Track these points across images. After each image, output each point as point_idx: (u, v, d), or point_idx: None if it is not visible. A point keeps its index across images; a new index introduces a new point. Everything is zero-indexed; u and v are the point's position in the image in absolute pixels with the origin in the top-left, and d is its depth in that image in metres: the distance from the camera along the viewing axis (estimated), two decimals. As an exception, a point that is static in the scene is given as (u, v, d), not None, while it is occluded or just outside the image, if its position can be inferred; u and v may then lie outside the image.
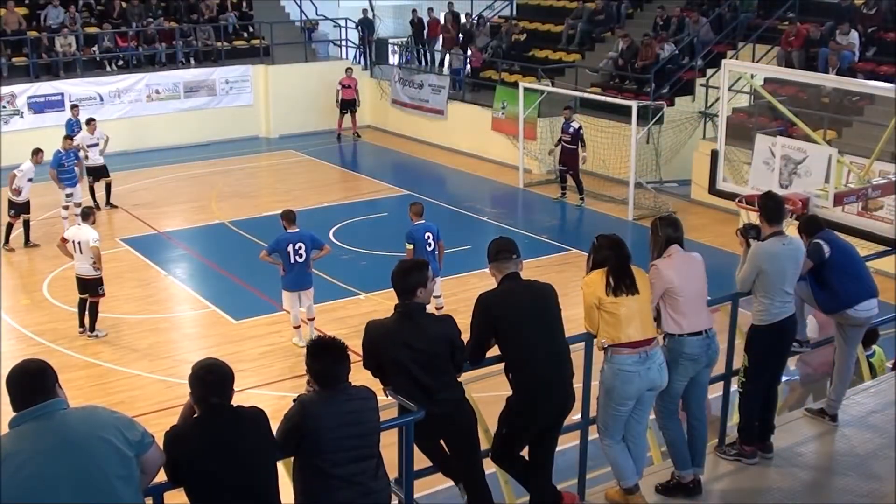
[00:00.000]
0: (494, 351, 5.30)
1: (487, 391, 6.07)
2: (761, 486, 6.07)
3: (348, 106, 24.08)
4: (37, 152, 15.75)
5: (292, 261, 11.54)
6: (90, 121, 18.03)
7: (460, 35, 25.42)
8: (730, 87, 10.85)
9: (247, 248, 15.28)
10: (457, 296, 12.62)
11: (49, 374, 3.66)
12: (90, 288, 12.16)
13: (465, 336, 5.19)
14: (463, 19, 26.35)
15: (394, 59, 27.72)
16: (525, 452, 5.42)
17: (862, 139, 14.26)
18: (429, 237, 11.93)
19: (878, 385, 7.55)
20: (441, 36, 26.50)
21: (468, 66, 24.51)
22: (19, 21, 22.38)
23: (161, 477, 4.01)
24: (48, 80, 21.94)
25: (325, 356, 4.36)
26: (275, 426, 4.30)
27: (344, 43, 27.55)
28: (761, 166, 9.05)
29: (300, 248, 11.55)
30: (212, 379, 4.08)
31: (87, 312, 12.29)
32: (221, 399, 4.09)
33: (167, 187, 20.01)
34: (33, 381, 3.61)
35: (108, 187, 18.11)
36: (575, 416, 5.64)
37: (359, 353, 5.05)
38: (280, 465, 4.39)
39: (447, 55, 25.31)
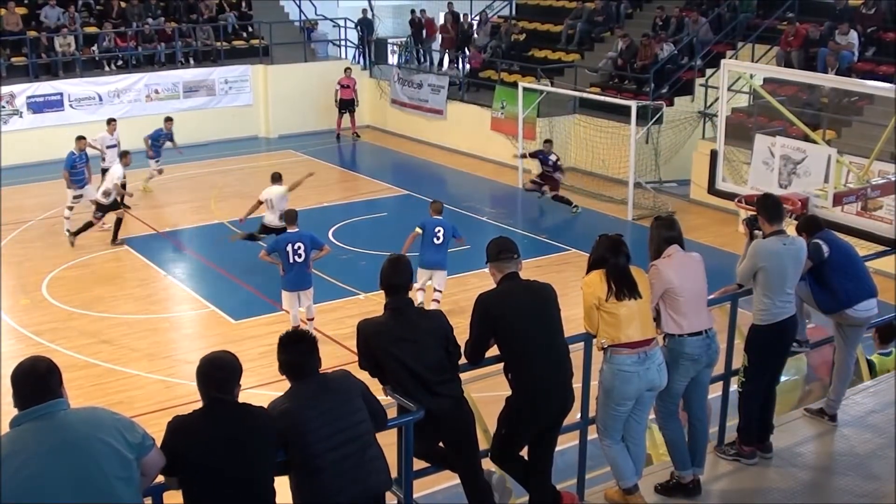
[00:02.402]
0: (494, 351, 5.30)
1: (487, 391, 6.07)
2: (761, 486, 6.07)
3: (346, 106, 24.07)
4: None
5: (291, 261, 11.55)
6: (111, 121, 18.15)
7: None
8: (729, 87, 10.85)
9: (247, 249, 15.25)
10: (456, 296, 12.63)
11: (56, 375, 3.67)
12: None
13: (464, 336, 5.20)
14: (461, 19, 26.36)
15: (393, 59, 27.72)
16: (525, 452, 5.42)
17: (861, 139, 14.26)
18: (439, 231, 12.20)
19: (877, 385, 7.53)
20: (440, 36, 26.48)
21: (468, 66, 24.49)
22: (17, 21, 22.36)
23: (161, 477, 4.02)
24: (47, 80, 21.93)
25: (294, 349, 4.43)
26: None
27: (343, 43, 27.55)
28: (761, 166, 9.02)
29: (299, 248, 11.56)
30: (218, 375, 4.16)
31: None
32: (225, 394, 4.14)
33: (167, 187, 19.99)
34: (40, 381, 3.62)
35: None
36: (574, 416, 5.64)
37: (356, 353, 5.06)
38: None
39: (446, 55, 25.29)
